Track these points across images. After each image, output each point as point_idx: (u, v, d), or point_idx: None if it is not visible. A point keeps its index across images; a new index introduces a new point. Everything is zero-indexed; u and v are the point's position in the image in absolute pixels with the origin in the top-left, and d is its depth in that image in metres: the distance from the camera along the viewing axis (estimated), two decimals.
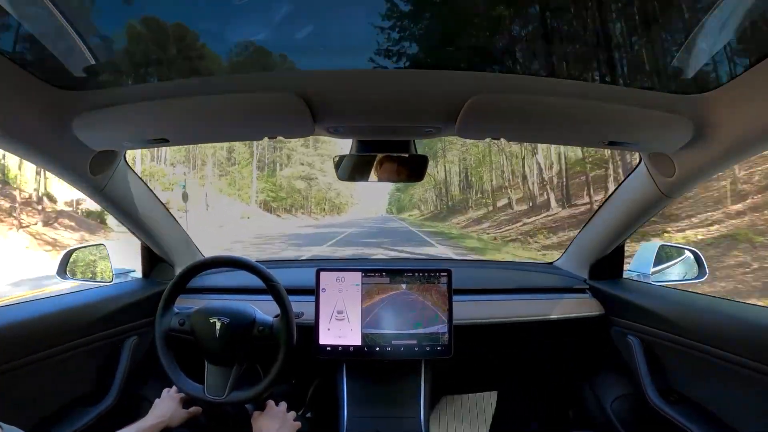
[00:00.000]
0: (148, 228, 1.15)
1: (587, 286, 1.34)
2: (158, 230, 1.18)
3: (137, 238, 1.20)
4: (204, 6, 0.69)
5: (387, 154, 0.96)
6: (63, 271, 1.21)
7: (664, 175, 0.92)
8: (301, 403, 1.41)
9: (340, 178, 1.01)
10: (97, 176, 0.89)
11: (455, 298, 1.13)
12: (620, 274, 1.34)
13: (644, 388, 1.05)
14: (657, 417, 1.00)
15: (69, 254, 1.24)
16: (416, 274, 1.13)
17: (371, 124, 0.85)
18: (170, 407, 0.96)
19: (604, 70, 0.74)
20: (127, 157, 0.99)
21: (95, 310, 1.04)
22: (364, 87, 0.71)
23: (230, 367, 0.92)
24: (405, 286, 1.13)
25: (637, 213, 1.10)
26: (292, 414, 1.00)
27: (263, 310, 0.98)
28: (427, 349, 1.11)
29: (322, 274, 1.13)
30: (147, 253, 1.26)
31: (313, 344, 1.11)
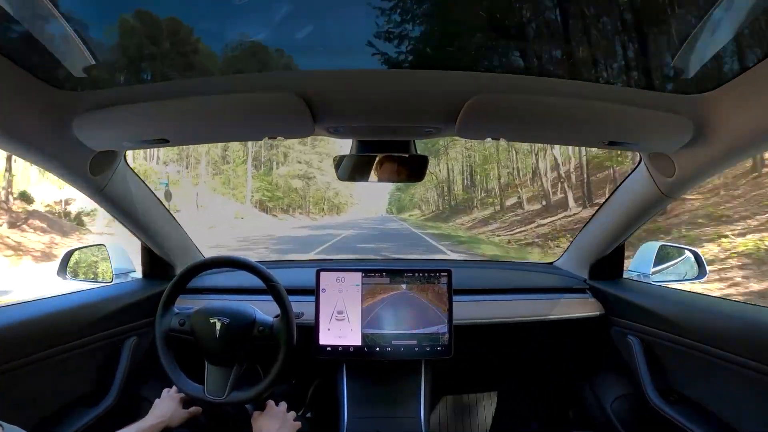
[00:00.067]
0: (148, 228, 1.14)
1: (587, 286, 1.33)
2: (158, 230, 1.18)
3: (137, 238, 1.20)
4: (204, 5, 0.69)
5: (387, 154, 0.96)
6: (63, 271, 1.22)
7: (664, 175, 0.92)
8: (302, 403, 1.41)
9: (340, 178, 1.01)
10: (97, 176, 0.89)
11: (455, 298, 1.13)
12: (620, 274, 1.33)
13: (644, 388, 1.05)
14: (657, 417, 1.00)
15: (69, 254, 1.25)
16: (416, 275, 1.13)
17: (371, 124, 0.85)
18: (170, 407, 0.96)
19: (604, 70, 0.74)
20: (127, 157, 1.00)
21: (95, 310, 1.04)
22: (364, 87, 0.71)
23: (230, 367, 0.92)
24: (405, 287, 1.13)
25: (637, 213, 1.10)
26: (292, 414, 1.00)
27: (263, 310, 0.98)
28: (427, 349, 1.11)
29: (323, 274, 1.14)
30: (147, 254, 1.26)
31: (313, 344, 1.11)
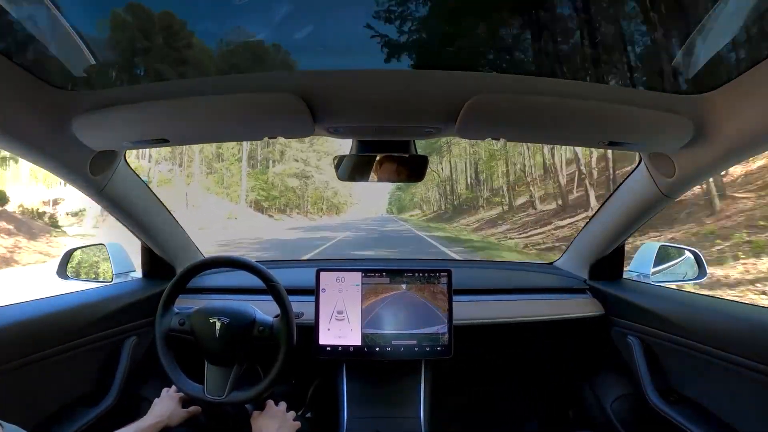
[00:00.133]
0: (148, 228, 1.14)
1: (587, 287, 1.33)
2: (158, 230, 1.18)
3: (137, 238, 1.20)
4: (204, 5, 0.69)
5: (387, 154, 0.96)
6: (63, 271, 1.22)
7: (664, 175, 0.92)
8: (301, 403, 1.41)
9: (340, 178, 1.01)
10: (97, 176, 0.89)
11: (455, 298, 1.13)
12: (620, 275, 1.33)
13: (644, 388, 1.05)
14: (657, 417, 1.00)
15: (69, 254, 1.25)
16: (416, 275, 1.13)
17: (371, 125, 0.85)
18: (170, 407, 0.96)
19: (604, 70, 0.74)
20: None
21: (95, 310, 1.04)
22: (364, 87, 0.71)
23: (230, 367, 0.92)
24: (405, 287, 1.13)
25: (637, 213, 1.10)
26: (292, 414, 1.00)
27: (263, 310, 0.98)
28: (427, 349, 1.11)
29: (322, 274, 1.13)
30: (147, 253, 1.26)
31: (313, 344, 1.11)
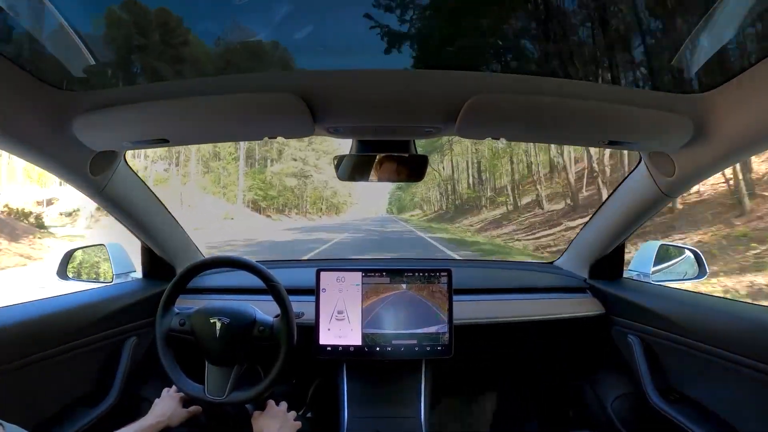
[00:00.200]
0: (149, 228, 1.14)
1: (587, 286, 1.33)
2: (158, 230, 1.18)
3: (137, 238, 1.20)
4: (204, 5, 0.69)
5: (387, 154, 0.96)
6: (63, 272, 1.22)
7: (665, 174, 0.92)
8: (302, 403, 1.41)
9: (340, 178, 1.01)
10: (97, 177, 0.89)
11: (455, 297, 1.13)
12: (620, 274, 1.33)
13: (644, 387, 1.05)
14: (657, 416, 1.00)
15: (69, 254, 1.25)
16: (416, 274, 1.13)
17: (371, 124, 0.85)
18: (170, 407, 0.96)
19: (604, 70, 0.74)
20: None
21: (96, 310, 1.04)
22: (364, 87, 0.71)
23: (230, 367, 0.92)
24: (405, 286, 1.13)
25: (638, 212, 1.10)
26: (293, 414, 1.00)
27: (263, 310, 0.98)
28: (428, 349, 1.11)
29: (323, 274, 1.13)
30: (147, 254, 1.26)
31: (313, 344, 1.11)
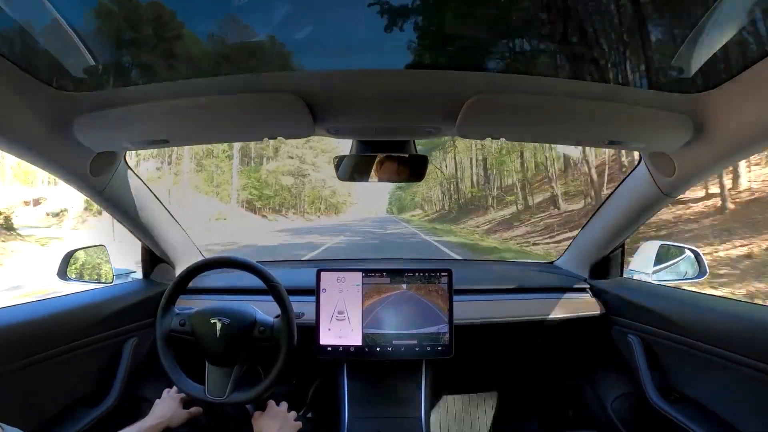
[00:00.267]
0: (149, 229, 1.14)
1: (588, 286, 1.33)
2: (159, 231, 1.18)
3: (138, 239, 1.20)
4: (204, 5, 0.69)
5: (387, 154, 0.96)
6: (64, 273, 1.21)
7: (664, 174, 0.92)
8: (302, 403, 1.41)
9: (341, 179, 1.01)
10: (98, 177, 0.89)
11: (456, 297, 1.13)
12: (621, 274, 1.33)
13: (645, 387, 1.05)
14: (658, 416, 1.00)
15: (69, 255, 1.24)
16: (417, 274, 1.13)
17: (371, 125, 0.85)
18: (171, 407, 0.96)
19: (603, 69, 0.74)
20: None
21: (96, 311, 1.04)
22: (364, 87, 0.71)
23: (231, 367, 0.92)
24: (405, 286, 1.13)
25: (638, 212, 1.10)
26: (293, 414, 1.00)
27: (264, 310, 0.98)
28: (428, 349, 1.11)
29: (323, 274, 1.13)
30: (147, 254, 1.26)
31: (313, 344, 1.11)
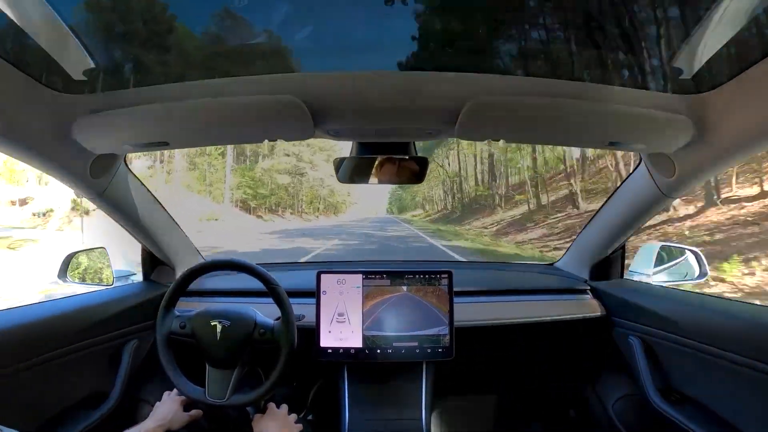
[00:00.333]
0: (149, 231, 1.14)
1: (588, 287, 1.33)
2: (159, 233, 1.18)
3: (138, 241, 1.20)
4: (204, 6, 0.69)
5: (387, 156, 0.96)
6: (64, 274, 1.21)
7: (665, 175, 0.92)
8: (303, 405, 1.41)
9: (341, 181, 1.01)
10: (98, 180, 0.89)
11: (456, 299, 1.13)
12: (621, 275, 1.33)
13: (646, 388, 1.05)
14: (659, 417, 0.99)
15: (70, 257, 1.24)
16: (417, 276, 1.13)
17: (371, 127, 0.85)
18: (171, 410, 0.96)
19: (603, 70, 0.74)
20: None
21: (96, 313, 1.04)
22: (365, 89, 0.71)
23: (231, 369, 0.92)
24: (406, 288, 1.13)
25: (638, 213, 1.10)
26: (294, 416, 1.00)
27: (264, 312, 0.98)
28: (429, 351, 1.10)
29: (323, 276, 1.13)
30: (148, 256, 1.26)
31: (314, 347, 1.11)
